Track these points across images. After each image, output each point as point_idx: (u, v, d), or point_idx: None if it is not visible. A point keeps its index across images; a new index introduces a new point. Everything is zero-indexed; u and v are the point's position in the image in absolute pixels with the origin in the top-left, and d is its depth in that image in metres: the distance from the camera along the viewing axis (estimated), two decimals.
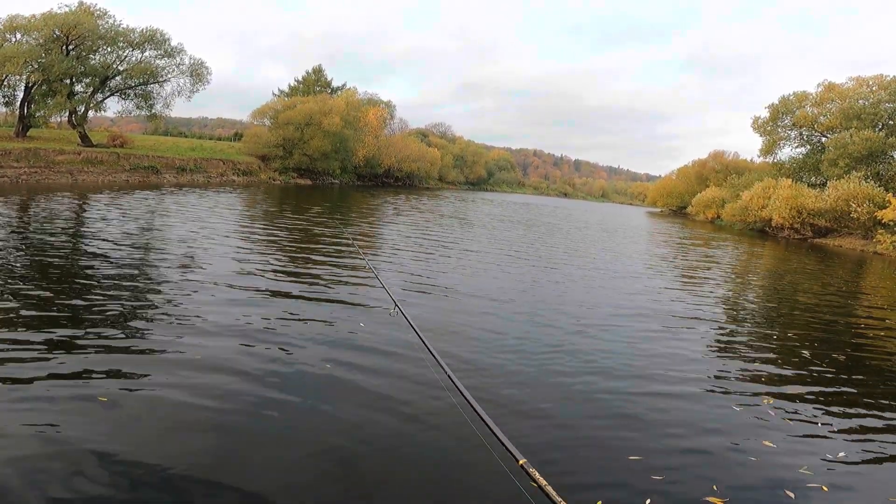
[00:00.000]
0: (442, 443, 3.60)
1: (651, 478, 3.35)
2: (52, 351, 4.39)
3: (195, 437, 3.36)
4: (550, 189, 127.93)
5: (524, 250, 14.30)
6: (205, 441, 3.32)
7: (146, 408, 3.64)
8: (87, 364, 4.22)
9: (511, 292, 8.50)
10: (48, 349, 4.41)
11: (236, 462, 3.14)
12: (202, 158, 34.71)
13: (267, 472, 3.06)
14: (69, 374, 4.01)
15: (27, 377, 3.88)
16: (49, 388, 3.76)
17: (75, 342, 4.63)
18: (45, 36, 27.42)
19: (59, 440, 3.15)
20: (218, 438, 3.36)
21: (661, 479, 3.34)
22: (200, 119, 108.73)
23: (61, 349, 4.45)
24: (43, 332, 4.74)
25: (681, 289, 10.70)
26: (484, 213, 29.14)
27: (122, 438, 3.23)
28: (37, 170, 23.69)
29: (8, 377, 3.85)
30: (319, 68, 59.27)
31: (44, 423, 3.31)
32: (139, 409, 3.61)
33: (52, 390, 3.74)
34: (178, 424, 3.48)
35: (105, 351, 4.51)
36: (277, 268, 8.56)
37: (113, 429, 3.33)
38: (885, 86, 34.18)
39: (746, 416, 4.50)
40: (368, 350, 5.24)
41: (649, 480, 3.33)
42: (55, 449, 3.06)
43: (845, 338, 7.81)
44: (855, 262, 21.54)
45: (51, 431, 3.23)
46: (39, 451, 3.03)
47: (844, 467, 3.77)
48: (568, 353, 5.65)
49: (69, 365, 4.17)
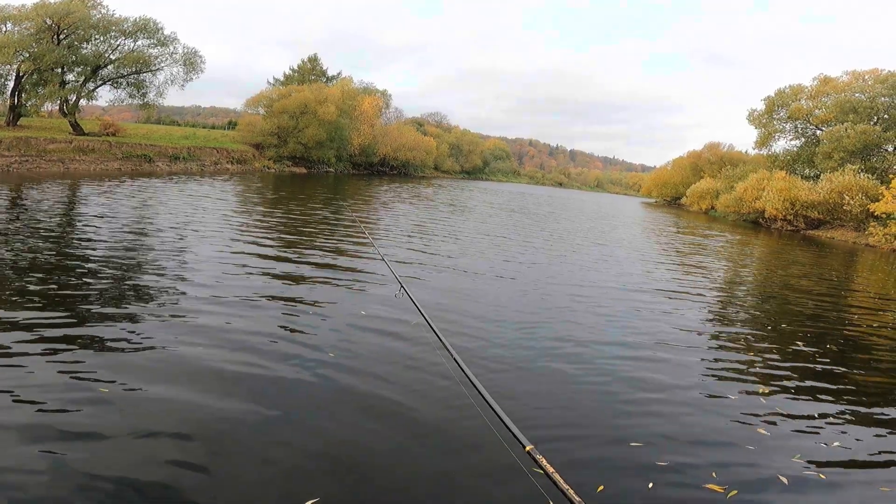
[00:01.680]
0: (448, 427, 3.65)
1: (653, 464, 3.44)
2: (55, 341, 4.41)
3: (198, 432, 3.38)
4: (546, 179, 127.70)
5: (529, 236, 14.36)
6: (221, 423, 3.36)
7: (145, 405, 3.61)
8: (85, 358, 4.21)
9: (514, 274, 8.57)
10: (50, 341, 4.43)
11: (241, 452, 3.18)
12: (196, 147, 34.41)
13: (274, 459, 3.10)
14: (69, 367, 4.03)
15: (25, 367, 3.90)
16: (49, 382, 3.79)
17: (77, 334, 4.64)
18: (37, 25, 27.03)
19: (61, 438, 3.17)
20: (241, 412, 3.40)
21: (663, 466, 3.42)
22: (193, 107, 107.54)
23: (62, 342, 4.46)
24: (44, 323, 4.76)
25: (676, 278, 10.79)
26: (484, 202, 29.12)
27: (123, 436, 3.23)
28: (28, 158, 23.41)
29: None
30: (315, 57, 58.73)
31: (44, 418, 3.34)
32: (137, 407, 3.57)
33: (51, 382, 3.76)
34: (177, 421, 3.49)
35: (102, 347, 4.48)
36: (280, 251, 8.56)
37: (114, 426, 3.31)
38: (881, 80, 34.28)
39: (743, 405, 4.59)
40: (373, 332, 5.33)
41: (651, 467, 3.41)
42: (50, 446, 3.09)
43: (839, 329, 7.93)
44: (847, 254, 21.76)
45: (48, 428, 3.26)
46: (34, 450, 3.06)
47: (839, 455, 3.86)
48: (570, 341, 5.72)
49: (70, 355, 4.19)
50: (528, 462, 2.70)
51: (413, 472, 3.15)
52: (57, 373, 3.88)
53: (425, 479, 3.11)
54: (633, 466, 3.42)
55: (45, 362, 4.02)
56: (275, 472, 2.98)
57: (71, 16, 27.44)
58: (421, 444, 3.45)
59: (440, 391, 4.18)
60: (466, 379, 3.45)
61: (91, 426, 3.23)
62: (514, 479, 3.01)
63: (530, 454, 2.67)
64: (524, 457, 2.67)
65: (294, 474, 2.99)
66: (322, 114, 42.15)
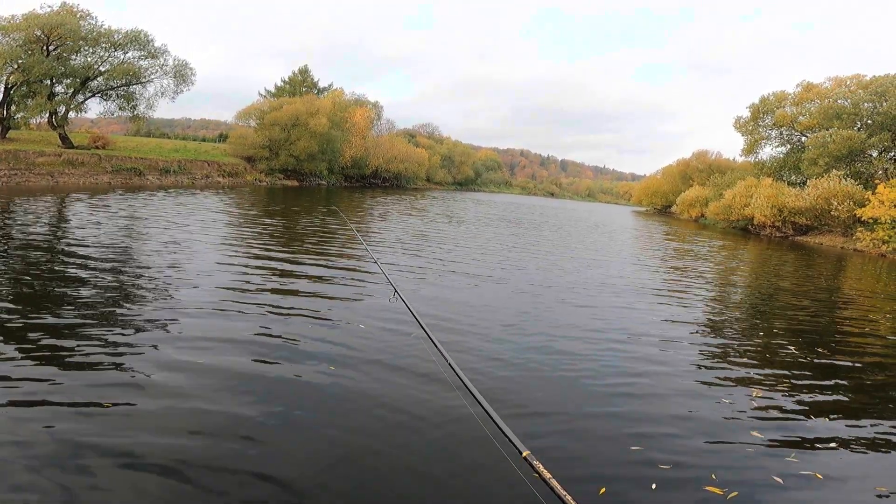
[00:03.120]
0: (444, 433, 3.63)
1: (654, 467, 3.43)
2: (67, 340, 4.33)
3: (203, 437, 3.34)
4: (538, 189, 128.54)
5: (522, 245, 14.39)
6: (213, 439, 3.31)
7: (149, 412, 3.59)
8: (92, 362, 4.17)
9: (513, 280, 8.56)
10: (52, 349, 4.35)
11: (247, 456, 3.14)
12: (186, 160, 34.27)
13: (276, 466, 3.05)
14: (77, 371, 3.96)
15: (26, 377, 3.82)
16: (62, 388, 3.72)
17: (81, 341, 4.57)
18: (27, 36, 26.92)
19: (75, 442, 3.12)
20: (234, 431, 3.35)
21: (663, 469, 3.41)
22: (183, 120, 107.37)
23: (70, 340, 4.39)
24: (48, 326, 4.68)
25: (667, 286, 10.84)
26: (481, 214, 29.22)
27: (130, 440, 3.20)
28: (17, 172, 23.19)
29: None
30: (306, 68, 58.96)
31: (54, 424, 3.28)
32: (142, 413, 3.57)
33: (65, 390, 3.69)
34: (182, 426, 3.46)
35: (105, 354, 4.44)
36: (277, 263, 8.50)
37: (124, 430, 3.29)
38: (864, 85, 34.92)
39: (738, 408, 4.59)
40: (368, 338, 5.29)
41: (652, 469, 3.40)
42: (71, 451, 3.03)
43: (830, 332, 7.99)
44: (836, 259, 22.01)
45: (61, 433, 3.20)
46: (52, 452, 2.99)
47: (834, 456, 3.87)
48: (567, 347, 5.71)
49: (77, 359, 4.12)
50: (525, 467, 2.67)
51: (406, 478, 3.11)
52: (72, 375, 3.80)
53: (419, 486, 3.07)
54: (633, 469, 3.41)
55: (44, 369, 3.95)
56: (280, 475, 2.93)
57: (61, 27, 27.36)
58: (413, 450, 3.42)
59: (437, 398, 4.14)
60: (462, 385, 3.43)
61: (104, 429, 3.18)
62: (510, 484, 2.97)
63: (527, 460, 2.64)
64: (521, 462, 2.64)
65: (295, 482, 2.95)
66: (314, 126, 42.19)
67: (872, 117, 33.74)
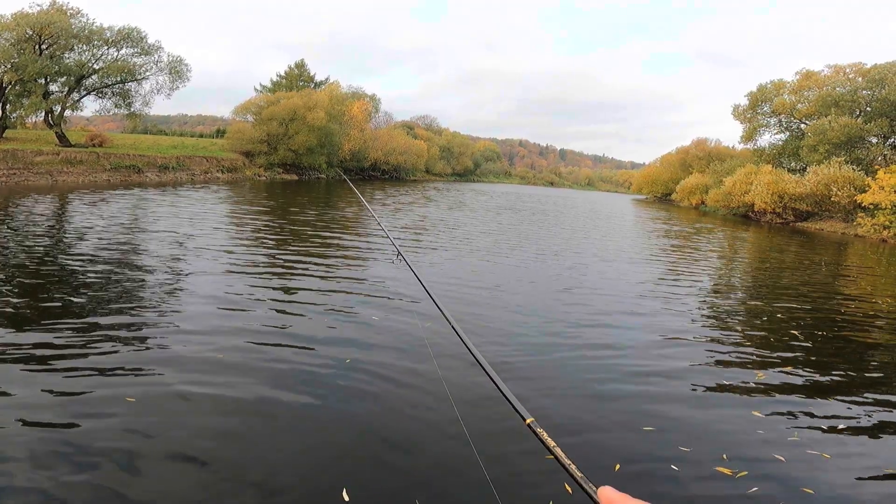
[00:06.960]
0: (446, 402, 3.66)
1: (667, 447, 3.49)
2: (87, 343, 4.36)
3: (216, 427, 3.36)
4: (537, 178, 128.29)
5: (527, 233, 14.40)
6: (228, 423, 3.34)
7: (163, 407, 3.60)
8: (106, 363, 4.19)
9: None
10: (77, 345, 4.39)
11: (254, 446, 3.16)
12: (185, 156, 34.18)
13: (286, 450, 3.08)
14: (93, 370, 4.00)
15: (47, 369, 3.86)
16: (74, 385, 3.75)
17: (95, 338, 4.60)
18: (18, 36, 26.77)
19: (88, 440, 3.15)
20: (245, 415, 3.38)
21: (675, 450, 3.46)
22: (179, 116, 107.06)
23: (79, 340, 4.42)
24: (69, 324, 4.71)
25: (672, 270, 10.86)
26: (490, 205, 29.16)
27: (144, 434, 3.24)
28: (15, 171, 23.16)
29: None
30: (302, 63, 58.65)
31: (67, 421, 3.32)
32: (159, 408, 3.58)
33: (77, 387, 3.73)
34: (194, 420, 3.48)
35: (118, 351, 4.45)
36: (284, 255, 8.51)
37: (138, 425, 3.32)
38: (863, 73, 34.75)
39: (746, 389, 4.63)
40: (372, 305, 5.32)
41: (665, 450, 3.46)
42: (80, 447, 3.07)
43: (832, 316, 8.01)
44: (837, 245, 22.01)
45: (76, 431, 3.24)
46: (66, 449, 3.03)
47: (841, 437, 3.91)
48: (579, 333, 5.75)
49: (91, 360, 4.15)
50: (529, 435, 2.70)
51: (408, 446, 3.14)
52: (85, 370, 3.84)
53: (419, 453, 3.12)
54: (647, 448, 3.47)
55: (50, 373, 3.98)
56: (304, 461, 2.99)
57: (51, 26, 27.20)
58: (417, 418, 3.47)
59: (436, 357, 4.16)
60: (461, 342, 3.46)
61: (117, 425, 3.21)
62: (515, 454, 3.02)
63: (531, 427, 2.67)
64: (525, 430, 2.67)
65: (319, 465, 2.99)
66: (311, 119, 42.05)
67: (871, 104, 33.61)
